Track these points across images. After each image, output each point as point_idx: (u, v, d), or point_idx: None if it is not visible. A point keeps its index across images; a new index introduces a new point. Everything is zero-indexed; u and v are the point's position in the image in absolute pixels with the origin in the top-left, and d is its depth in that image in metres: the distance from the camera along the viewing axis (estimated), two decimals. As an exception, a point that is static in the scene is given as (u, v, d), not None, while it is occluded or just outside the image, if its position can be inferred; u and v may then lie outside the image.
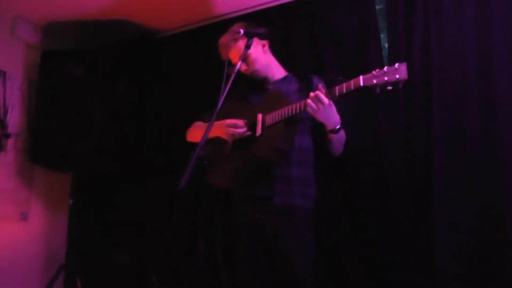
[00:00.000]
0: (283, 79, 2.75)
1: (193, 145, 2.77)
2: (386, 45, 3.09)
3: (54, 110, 3.73)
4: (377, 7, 3.20)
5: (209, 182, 2.72)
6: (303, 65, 3.30)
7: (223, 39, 2.71)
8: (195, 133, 2.81)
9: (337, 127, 2.39)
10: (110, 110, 3.74)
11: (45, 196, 4.15)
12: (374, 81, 2.14)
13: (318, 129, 2.50)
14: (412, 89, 2.88)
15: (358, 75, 2.74)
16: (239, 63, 2.43)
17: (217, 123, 2.57)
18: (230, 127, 2.57)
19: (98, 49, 4.06)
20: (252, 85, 2.78)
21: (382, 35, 3.16)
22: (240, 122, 2.58)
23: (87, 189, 4.22)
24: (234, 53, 2.68)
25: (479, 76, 2.73)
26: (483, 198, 2.60)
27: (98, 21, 3.95)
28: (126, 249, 3.83)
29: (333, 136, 2.44)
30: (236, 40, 2.64)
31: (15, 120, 3.96)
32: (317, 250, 2.53)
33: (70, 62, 3.79)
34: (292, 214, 2.50)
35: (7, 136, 3.89)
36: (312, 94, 2.28)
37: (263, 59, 2.72)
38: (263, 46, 2.74)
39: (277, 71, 2.78)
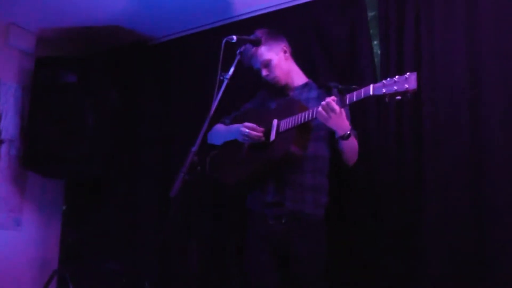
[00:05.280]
0: (304, 86, 2.78)
1: (214, 147, 2.87)
2: (379, 52, 3.11)
3: (48, 117, 3.73)
4: (369, 14, 3.22)
5: (220, 182, 2.80)
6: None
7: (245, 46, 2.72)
8: (215, 136, 2.85)
9: (347, 133, 2.41)
10: (103, 116, 3.74)
11: (38, 202, 4.13)
12: (384, 90, 2.16)
13: (333, 138, 2.53)
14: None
15: (350, 82, 2.78)
16: (231, 70, 2.45)
17: (236, 125, 2.68)
18: (246, 128, 2.59)
19: (91, 56, 4.07)
20: (273, 91, 2.81)
21: (375, 42, 3.18)
22: (256, 127, 2.60)
23: (80, 195, 4.22)
24: (255, 59, 2.72)
25: (469, 82, 2.75)
26: (472, 200, 2.63)
27: (92, 28, 3.96)
28: (119, 255, 3.82)
29: (343, 143, 2.47)
30: (257, 46, 2.68)
31: (8, 126, 3.96)
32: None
33: (63, 69, 3.79)
34: (304, 220, 2.54)
35: (1, 142, 3.88)
36: (323, 102, 2.31)
37: (284, 65, 2.74)
38: (285, 52, 2.76)
39: (297, 78, 2.80)
